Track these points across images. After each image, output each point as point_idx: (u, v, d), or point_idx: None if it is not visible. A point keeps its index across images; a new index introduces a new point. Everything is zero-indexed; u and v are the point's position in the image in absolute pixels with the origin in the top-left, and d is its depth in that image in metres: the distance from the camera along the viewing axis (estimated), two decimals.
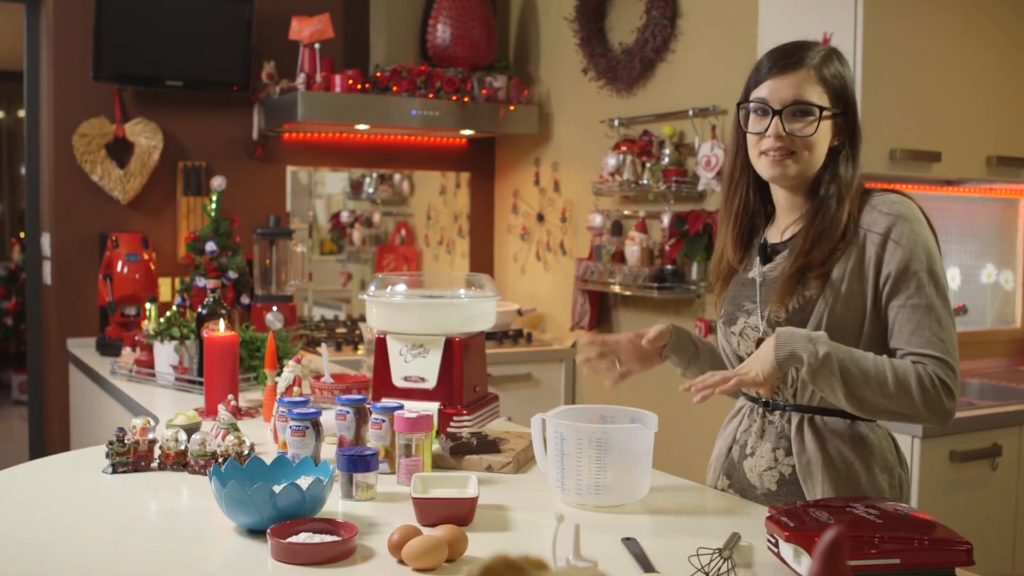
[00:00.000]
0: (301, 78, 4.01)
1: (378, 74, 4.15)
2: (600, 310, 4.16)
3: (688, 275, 3.61)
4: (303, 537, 1.51)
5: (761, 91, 1.80)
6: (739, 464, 1.92)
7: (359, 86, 4.08)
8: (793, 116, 1.77)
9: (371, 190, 4.91)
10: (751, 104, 1.82)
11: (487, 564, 0.65)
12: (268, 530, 1.51)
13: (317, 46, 4.02)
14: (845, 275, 1.76)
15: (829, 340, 1.66)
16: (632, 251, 3.77)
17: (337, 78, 4.03)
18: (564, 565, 1.14)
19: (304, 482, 1.63)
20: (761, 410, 1.88)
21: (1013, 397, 3.30)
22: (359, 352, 4.00)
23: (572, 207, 4.39)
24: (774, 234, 1.92)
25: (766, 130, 1.78)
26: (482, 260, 4.97)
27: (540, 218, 4.60)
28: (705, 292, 3.58)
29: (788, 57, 1.79)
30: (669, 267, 3.65)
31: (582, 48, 4.17)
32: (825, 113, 1.76)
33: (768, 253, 1.90)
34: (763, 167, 1.82)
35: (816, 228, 1.79)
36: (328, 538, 1.51)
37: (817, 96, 1.77)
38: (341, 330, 4.47)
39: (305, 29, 3.99)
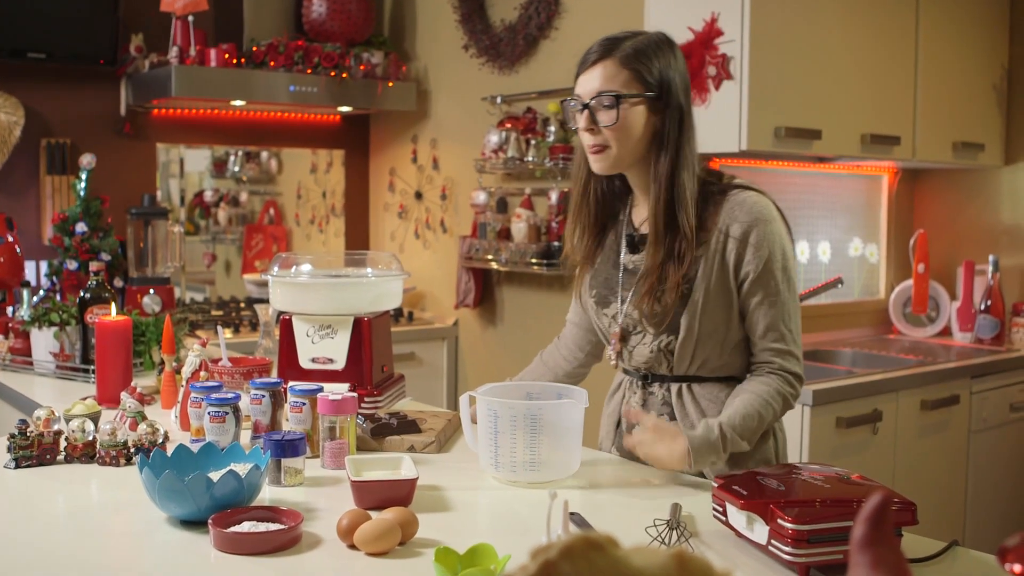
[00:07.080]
0: (174, 52, 3.85)
1: (254, 48, 4.02)
2: (484, 287, 4.16)
3: None
4: (247, 526, 1.46)
5: (577, 87, 1.85)
6: (629, 434, 1.96)
7: (235, 60, 3.95)
8: (601, 108, 1.81)
9: (236, 168, 4.77)
10: (571, 101, 1.86)
11: (567, 544, 0.64)
12: (210, 520, 1.45)
13: (191, 18, 3.87)
14: (710, 286, 1.82)
15: (729, 423, 1.75)
16: (519, 228, 3.77)
17: (212, 52, 3.89)
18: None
19: (242, 469, 1.57)
20: (640, 383, 1.95)
21: (884, 364, 3.45)
22: (237, 334, 3.89)
23: (452, 184, 4.36)
24: (637, 219, 1.96)
25: (583, 125, 1.83)
26: (358, 239, 4.90)
27: (419, 196, 4.56)
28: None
29: (595, 51, 1.83)
30: (556, 244, 3.67)
31: (463, 25, 4.14)
32: (631, 100, 1.79)
33: (636, 242, 1.93)
34: (591, 161, 1.87)
35: (658, 224, 1.83)
36: (273, 526, 1.47)
37: (621, 84, 1.79)
38: (217, 312, 4.33)
39: (178, 1, 3.84)
